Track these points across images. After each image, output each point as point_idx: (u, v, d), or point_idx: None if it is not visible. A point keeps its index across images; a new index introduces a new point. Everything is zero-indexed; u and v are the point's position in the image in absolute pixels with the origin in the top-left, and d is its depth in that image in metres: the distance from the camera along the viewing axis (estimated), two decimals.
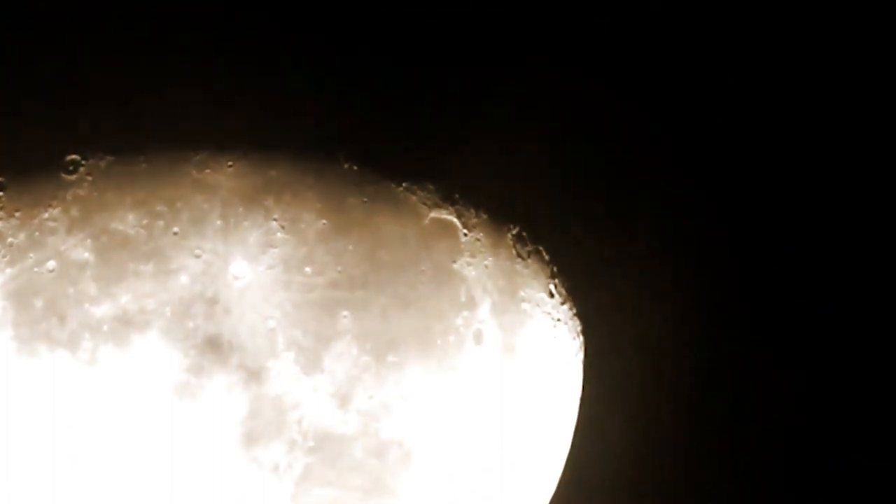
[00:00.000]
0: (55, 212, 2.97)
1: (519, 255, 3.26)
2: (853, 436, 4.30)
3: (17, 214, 2.99)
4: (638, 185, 3.75)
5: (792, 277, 4.22)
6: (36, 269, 2.94)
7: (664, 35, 3.80)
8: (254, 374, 2.92)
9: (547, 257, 3.33)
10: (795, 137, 4.10)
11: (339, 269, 2.99)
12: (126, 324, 2.90)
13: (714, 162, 4.03)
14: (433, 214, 3.11)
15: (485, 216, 3.20)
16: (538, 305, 3.29)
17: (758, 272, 4.20)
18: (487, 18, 3.30)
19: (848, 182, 4.18)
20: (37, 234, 2.96)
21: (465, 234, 3.15)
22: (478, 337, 3.13)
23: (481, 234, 3.18)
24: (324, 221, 3.00)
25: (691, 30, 3.89)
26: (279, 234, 2.97)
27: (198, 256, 2.94)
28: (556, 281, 3.36)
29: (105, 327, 2.90)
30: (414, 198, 3.09)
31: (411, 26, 3.20)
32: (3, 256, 2.96)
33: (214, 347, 2.91)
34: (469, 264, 3.14)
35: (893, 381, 4.28)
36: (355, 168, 3.05)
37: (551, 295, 3.34)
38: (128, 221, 2.95)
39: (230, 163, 2.99)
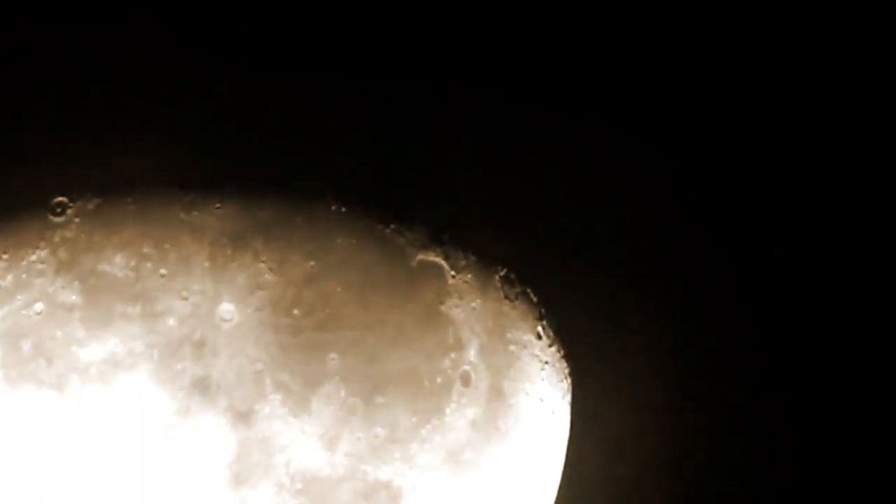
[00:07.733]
0: (43, 254, 2.96)
1: (507, 297, 3.27)
2: (853, 441, 4.29)
3: (4, 256, 2.98)
4: (626, 225, 3.76)
5: (788, 307, 4.22)
6: (23, 312, 2.93)
7: (650, 54, 3.82)
8: (241, 417, 2.91)
9: (535, 299, 3.34)
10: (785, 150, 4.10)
11: (327, 310, 2.99)
12: (114, 366, 2.89)
13: (709, 196, 4.04)
14: (421, 256, 3.12)
15: (472, 258, 3.20)
16: (526, 347, 3.29)
17: (750, 304, 4.20)
18: (476, 61, 3.32)
19: (847, 184, 4.18)
20: (24, 275, 2.95)
21: (453, 276, 3.16)
22: (465, 379, 3.13)
23: (469, 276, 3.19)
24: (312, 263, 3.00)
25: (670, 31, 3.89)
26: (267, 276, 2.97)
27: (185, 298, 2.93)
28: (544, 323, 3.36)
29: (92, 369, 2.89)
30: (402, 239, 3.10)
31: (401, 68, 3.22)
32: None
33: (202, 390, 2.90)
34: (457, 306, 3.14)
35: (893, 382, 4.27)
36: (343, 209, 3.05)
37: (539, 337, 3.34)
38: (115, 263, 2.94)
39: (218, 204, 3.00)
